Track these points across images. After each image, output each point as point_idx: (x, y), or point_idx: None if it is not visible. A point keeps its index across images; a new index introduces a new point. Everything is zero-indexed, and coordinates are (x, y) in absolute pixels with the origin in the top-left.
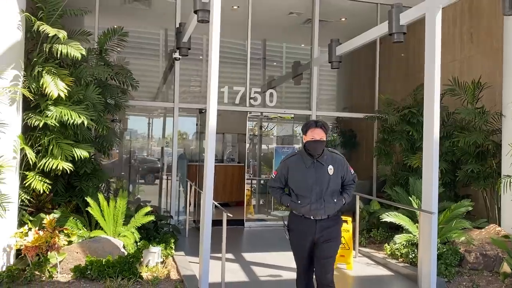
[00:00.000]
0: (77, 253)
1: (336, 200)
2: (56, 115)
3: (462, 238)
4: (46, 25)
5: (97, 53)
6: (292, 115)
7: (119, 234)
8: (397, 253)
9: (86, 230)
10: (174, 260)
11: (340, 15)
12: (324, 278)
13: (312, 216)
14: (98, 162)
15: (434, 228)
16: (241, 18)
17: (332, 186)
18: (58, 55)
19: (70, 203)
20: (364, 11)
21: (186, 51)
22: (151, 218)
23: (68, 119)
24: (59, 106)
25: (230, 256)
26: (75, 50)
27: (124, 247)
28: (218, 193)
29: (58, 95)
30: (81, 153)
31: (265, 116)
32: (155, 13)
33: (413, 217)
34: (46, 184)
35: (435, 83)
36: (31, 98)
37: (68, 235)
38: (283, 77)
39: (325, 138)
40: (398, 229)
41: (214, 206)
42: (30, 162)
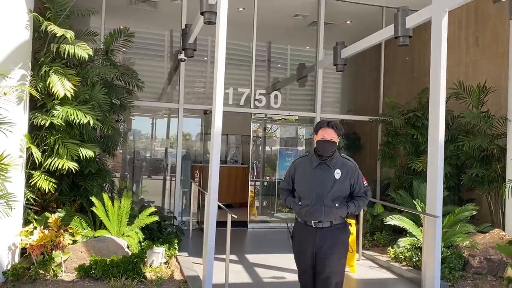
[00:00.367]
0: (81, 252)
1: (338, 205)
2: (62, 115)
3: (466, 242)
4: (54, 25)
5: (103, 53)
6: (296, 117)
7: (123, 234)
8: (400, 256)
9: (90, 229)
10: (177, 260)
11: (345, 18)
12: None
13: (311, 221)
14: (102, 161)
15: (438, 231)
16: (246, 20)
17: (335, 191)
18: (65, 55)
19: (75, 203)
20: (369, 14)
21: (192, 52)
22: (155, 218)
23: (74, 119)
24: (66, 105)
25: (233, 257)
26: (82, 51)
27: (128, 247)
28: (222, 194)
29: (65, 95)
30: (86, 152)
31: (269, 118)
32: (161, 14)
33: (417, 220)
34: (51, 183)
35: (441, 87)
36: (38, 98)
37: (72, 235)
38: (288, 79)
39: (336, 139)
40: (401, 232)
41: (218, 207)
42: (36, 161)
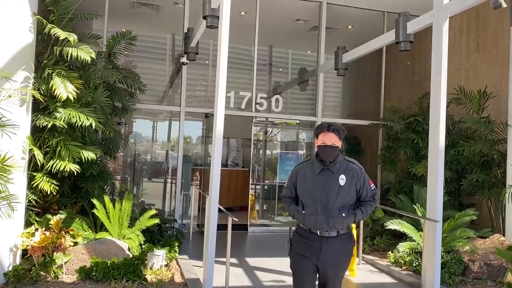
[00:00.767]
0: (82, 254)
1: (345, 214)
2: (64, 117)
3: (466, 247)
4: (57, 28)
5: (105, 56)
6: (297, 121)
7: (124, 236)
8: (400, 261)
9: (91, 231)
10: (178, 263)
11: (346, 23)
12: None
13: (318, 231)
14: (104, 164)
15: (438, 236)
16: (248, 24)
17: (341, 199)
18: (68, 58)
19: (76, 205)
20: (370, 19)
21: (194, 56)
22: (156, 221)
23: (76, 121)
24: (68, 108)
25: (233, 260)
26: (85, 53)
27: (129, 249)
28: (222, 197)
29: (67, 97)
30: (88, 155)
31: (270, 121)
32: (163, 17)
33: (417, 225)
34: (53, 185)
35: (441, 92)
36: (41, 100)
37: (73, 236)
38: (289, 83)
39: (338, 143)
40: (401, 237)
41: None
42: (38, 163)
